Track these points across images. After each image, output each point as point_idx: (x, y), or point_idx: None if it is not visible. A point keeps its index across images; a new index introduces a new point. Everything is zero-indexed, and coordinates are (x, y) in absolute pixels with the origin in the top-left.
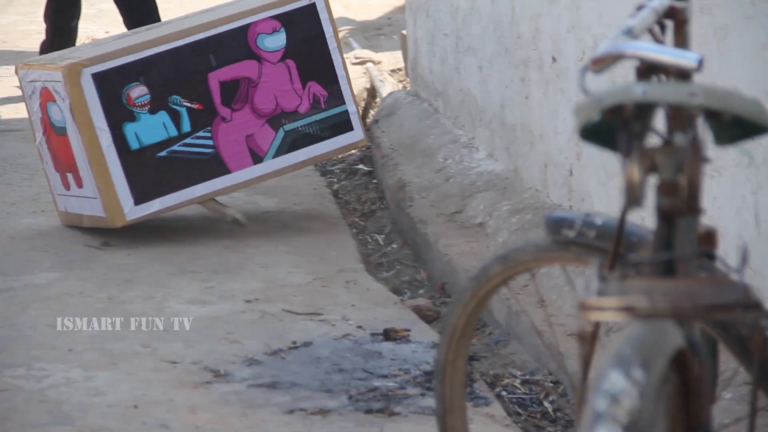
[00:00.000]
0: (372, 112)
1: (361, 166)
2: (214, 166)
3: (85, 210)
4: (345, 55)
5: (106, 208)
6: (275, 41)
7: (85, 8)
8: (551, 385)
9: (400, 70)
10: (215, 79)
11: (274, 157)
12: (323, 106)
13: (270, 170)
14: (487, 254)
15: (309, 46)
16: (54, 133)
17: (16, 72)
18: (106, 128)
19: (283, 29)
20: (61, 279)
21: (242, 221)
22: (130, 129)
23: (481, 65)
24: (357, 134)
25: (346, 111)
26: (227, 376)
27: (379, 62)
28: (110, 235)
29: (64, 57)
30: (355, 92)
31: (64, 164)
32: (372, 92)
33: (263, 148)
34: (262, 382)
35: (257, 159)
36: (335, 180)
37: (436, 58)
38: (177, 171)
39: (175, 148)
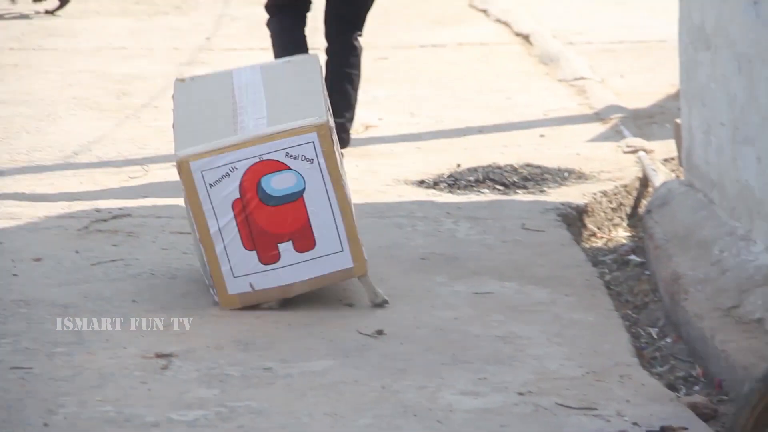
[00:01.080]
0: (644, 202)
1: (633, 257)
2: None
3: (303, 275)
4: (616, 144)
5: (355, 258)
6: None
7: (360, 95)
8: None
9: (673, 159)
10: None
11: None
12: None
13: None
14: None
15: None
16: (265, 205)
17: (184, 165)
18: (346, 182)
19: None
20: (337, 367)
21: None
22: None
23: (760, 156)
24: None
25: None
26: None
27: (652, 151)
28: (384, 323)
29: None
30: (626, 182)
31: (277, 234)
32: (644, 182)
33: None
34: None
35: None
36: (607, 271)
37: (711, 147)
38: None
39: None
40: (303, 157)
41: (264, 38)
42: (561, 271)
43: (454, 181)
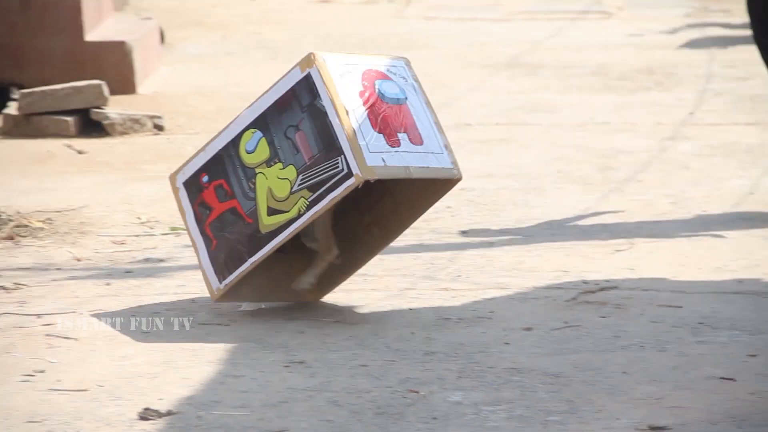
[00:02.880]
0: None
1: None
2: None
3: (418, 162)
4: None
5: (453, 163)
6: None
7: None
8: None
9: None
10: None
11: None
12: None
13: None
14: None
15: None
16: (385, 103)
17: (318, 57)
18: None
19: None
20: None
21: None
22: None
23: None
24: None
25: None
26: None
27: None
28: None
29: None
30: None
31: (397, 125)
32: None
33: None
34: None
35: None
36: None
37: None
38: None
39: None
40: (399, 75)
41: (750, 113)
42: None
43: None
